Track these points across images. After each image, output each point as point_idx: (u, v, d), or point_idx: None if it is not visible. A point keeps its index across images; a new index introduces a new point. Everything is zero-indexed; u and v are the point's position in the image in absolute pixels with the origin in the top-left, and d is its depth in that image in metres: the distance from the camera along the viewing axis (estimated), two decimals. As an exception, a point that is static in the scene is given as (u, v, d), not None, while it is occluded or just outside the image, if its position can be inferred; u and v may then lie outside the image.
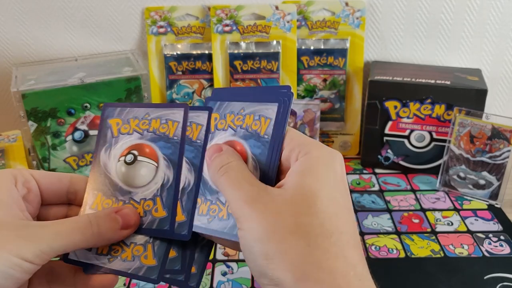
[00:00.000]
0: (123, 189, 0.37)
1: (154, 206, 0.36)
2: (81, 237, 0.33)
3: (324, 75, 0.80)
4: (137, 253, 0.35)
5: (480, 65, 0.82)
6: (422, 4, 0.79)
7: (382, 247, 0.61)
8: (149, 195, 0.36)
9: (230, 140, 0.36)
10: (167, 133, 0.37)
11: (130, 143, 0.38)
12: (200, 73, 0.80)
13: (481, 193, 0.70)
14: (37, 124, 0.71)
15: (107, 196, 0.37)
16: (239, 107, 0.36)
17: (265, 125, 0.35)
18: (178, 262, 0.35)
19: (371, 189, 0.74)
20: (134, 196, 0.37)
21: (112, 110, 0.39)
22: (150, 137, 0.37)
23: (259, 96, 0.36)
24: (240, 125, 0.36)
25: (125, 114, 0.39)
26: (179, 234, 0.35)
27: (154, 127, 0.37)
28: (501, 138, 0.67)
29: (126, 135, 0.38)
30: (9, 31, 0.81)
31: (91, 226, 0.33)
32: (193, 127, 0.37)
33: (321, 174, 0.31)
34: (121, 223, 0.35)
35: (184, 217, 0.35)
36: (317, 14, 0.79)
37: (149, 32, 0.80)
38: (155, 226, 0.35)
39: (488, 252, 0.60)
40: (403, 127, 0.75)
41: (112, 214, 0.35)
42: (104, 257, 0.36)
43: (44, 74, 0.74)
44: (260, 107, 0.35)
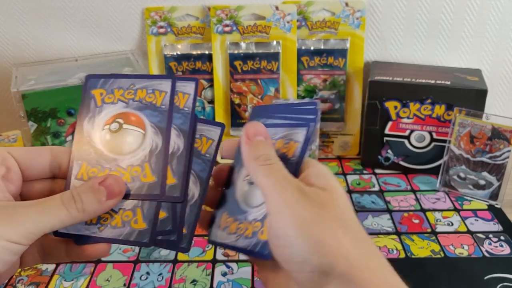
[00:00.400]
0: (108, 156, 0.37)
1: (142, 172, 0.36)
2: (67, 214, 0.33)
3: (324, 76, 0.80)
4: (126, 219, 0.35)
5: (480, 65, 0.82)
6: (422, 4, 0.79)
7: (382, 248, 0.61)
8: (136, 162, 0.36)
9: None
10: (153, 102, 0.37)
11: (115, 112, 0.37)
12: (200, 73, 0.80)
13: (481, 193, 0.70)
14: (37, 124, 0.71)
15: (92, 165, 0.37)
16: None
17: (295, 145, 0.37)
18: (169, 223, 0.35)
19: (371, 189, 0.74)
20: (120, 163, 0.36)
21: (95, 81, 0.39)
22: (136, 106, 0.37)
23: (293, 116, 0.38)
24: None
25: (109, 84, 0.38)
26: (171, 197, 0.35)
27: (140, 97, 0.37)
28: (501, 138, 0.67)
29: (110, 104, 0.38)
30: (9, 31, 0.81)
31: (75, 202, 0.33)
32: (179, 96, 0.37)
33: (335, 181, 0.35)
34: (106, 193, 0.34)
35: (175, 180, 0.35)
36: (317, 15, 0.79)
37: (149, 32, 0.80)
38: (144, 191, 0.35)
39: (488, 252, 0.60)
40: (403, 127, 0.75)
41: (95, 186, 0.34)
42: (94, 226, 0.36)
43: (44, 74, 0.74)
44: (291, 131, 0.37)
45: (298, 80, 0.80)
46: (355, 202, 0.70)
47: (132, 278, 0.57)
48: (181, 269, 0.58)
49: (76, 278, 0.57)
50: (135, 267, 0.59)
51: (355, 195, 0.72)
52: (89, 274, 0.58)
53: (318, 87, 0.81)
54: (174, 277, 0.57)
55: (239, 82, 0.80)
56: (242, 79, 0.80)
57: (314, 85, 0.81)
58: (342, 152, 0.83)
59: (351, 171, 0.79)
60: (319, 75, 0.80)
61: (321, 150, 0.83)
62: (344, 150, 0.83)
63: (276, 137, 0.37)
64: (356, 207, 0.69)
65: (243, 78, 0.79)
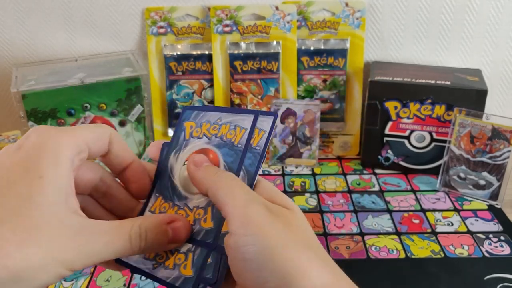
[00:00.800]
0: (181, 194, 0.37)
1: (204, 216, 0.36)
2: (129, 249, 0.32)
3: (324, 76, 0.80)
4: (178, 262, 0.35)
5: (480, 66, 0.82)
6: (422, 5, 0.79)
7: (382, 248, 0.61)
8: (202, 204, 0.36)
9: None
10: (232, 140, 0.36)
11: (198, 147, 0.38)
12: (200, 73, 0.80)
13: (481, 193, 0.70)
14: (37, 124, 0.71)
15: (166, 199, 0.37)
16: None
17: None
18: (210, 270, 0.35)
19: (371, 189, 0.74)
20: (188, 203, 0.37)
21: (189, 113, 0.39)
22: (217, 142, 0.37)
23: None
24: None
25: (200, 117, 0.39)
26: (220, 247, 0.34)
27: (223, 133, 0.37)
28: (501, 139, 0.67)
29: (196, 138, 0.38)
30: (9, 31, 0.81)
31: (140, 240, 0.33)
32: (255, 132, 0.36)
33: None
34: (171, 237, 0.34)
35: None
36: (317, 15, 0.79)
37: (149, 33, 0.80)
38: (200, 237, 0.35)
39: (488, 252, 0.60)
40: (403, 127, 0.75)
41: (163, 226, 0.34)
42: (150, 262, 0.36)
43: (44, 74, 0.74)
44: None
45: (298, 80, 0.80)
46: (355, 202, 0.70)
47: (132, 279, 0.57)
48: (181, 269, 0.58)
49: (76, 278, 0.57)
50: (135, 267, 0.59)
51: (355, 195, 0.72)
52: (89, 274, 0.58)
53: (318, 87, 0.81)
54: (174, 277, 0.57)
55: (239, 82, 0.80)
56: (242, 79, 0.80)
57: (314, 85, 0.81)
58: (342, 152, 0.83)
59: (351, 171, 0.79)
60: (319, 75, 0.80)
61: (321, 150, 0.83)
62: (344, 150, 0.83)
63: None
64: (356, 207, 0.69)
65: (243, 78, 0.79)
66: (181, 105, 0.81)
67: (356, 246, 0.62)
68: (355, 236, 0.63)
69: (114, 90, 0.73)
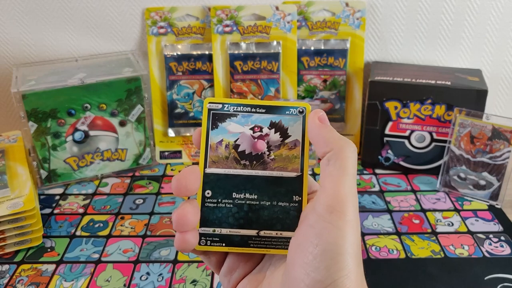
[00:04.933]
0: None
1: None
2: None
3: (325, 76, 0.80)
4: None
5: (481, 66, 0.82)
6: (422, 5, 0.79)
7: (382, 248, 0.61)
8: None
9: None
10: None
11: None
12: (201, 73, 0.80)
13: (482, 193, 0.70)
14: (37, 124, 0.71)
15: None
16: None
17: None
18: None
19: (372, 189, 0.74)
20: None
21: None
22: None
23: None
24: None
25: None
26: None
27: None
28: (502, 139, 0.67)
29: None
30: (10, 32, 0.81)
31: None
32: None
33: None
34: None
35: None
36: (317, 15, 0.79)
37: (149, 33, 0.80)
38: None
39: (489, 252, 0.60)
40: (404, 127, 0.75)
41: None
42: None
43: (45, 74, 0.74)
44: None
45: (299, 80, 0.81)
46: (355, 202, 0.70)
47: (132, 279, 0.57)
48: (181, 270, 0.58)
49: (76, 278, 0.57)
50: (135, 268, 0.59)
51: (355, 196, 0.72)
52: (89, 275, 0.58)
53: (318, 87, 0.81)
54: (174, 277, 0.57)
55: (239, 82, 0.80)
56: (242, 79, 0.80)
57: (314, 85, 0.81)
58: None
59: (351, 171, 0.79)
60: (319, 76, 0.80)
61: (321, 151, 0.83)
62: (344, 151, 0.83)
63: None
64: (356, 208, 0.69)
65: (243, 79, 0.79)
66: (181, 105, 0.81)
67: (356, 246, 0.62)
68: (355, 236, 0.63)
69: (114, 90, 0.73)
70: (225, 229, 0.35)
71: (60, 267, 0.59)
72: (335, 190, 0.30)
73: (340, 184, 0.30)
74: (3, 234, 0.60)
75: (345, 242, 0.29)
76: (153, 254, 0.61)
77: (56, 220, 0.68)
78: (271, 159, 0.35)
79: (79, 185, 0.76)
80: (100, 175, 0.77)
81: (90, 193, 0.74)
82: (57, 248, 0.62)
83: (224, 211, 0.35)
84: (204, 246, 0.35)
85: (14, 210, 0.59)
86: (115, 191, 0.74)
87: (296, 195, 0.35)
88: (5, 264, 0.59)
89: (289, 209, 0.35)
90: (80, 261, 0.60)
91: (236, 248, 0.35)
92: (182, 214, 0.33)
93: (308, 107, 0.36)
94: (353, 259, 0.29)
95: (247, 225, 0.35)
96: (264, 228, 0.35)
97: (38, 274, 0.58)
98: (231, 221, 0.35)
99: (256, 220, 0.35)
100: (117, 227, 0.66)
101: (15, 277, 0.57)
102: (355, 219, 0.30)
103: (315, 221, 0.30)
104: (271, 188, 0.35)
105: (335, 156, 0.31)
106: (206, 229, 0.35)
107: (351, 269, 0.29)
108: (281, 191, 0.35)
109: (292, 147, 0.35)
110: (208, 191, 0.35)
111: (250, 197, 0.35)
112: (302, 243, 0.30)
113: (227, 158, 0.36)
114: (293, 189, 0.35)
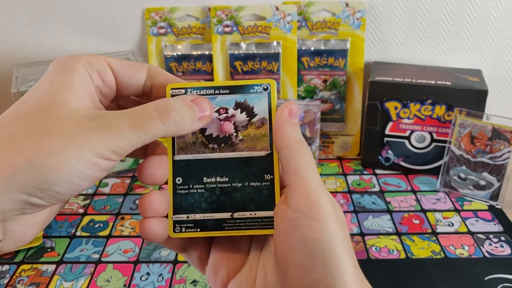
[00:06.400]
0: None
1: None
2: (161, 126, 0.30)
3: (325, 76, 0.80)
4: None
5: (481, 66, 0.82)
6: (422, 5, 0.79)
7: (382, 248, 0.61)
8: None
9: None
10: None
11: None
12: (201, 73, 0.80)
13: (482, 194, 0.70)
14: (38, 124, 0.71)
15: None
16: None
17: None
18: None
19: (372, 190, 0.74)
20: None
21: None
22: None
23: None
24: None
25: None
26: None
27: None
28: (502, 139, 0.67)
29: None
30: (10, 32, 0.81)
31: (173, 111, 0.31)
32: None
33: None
34: (198, 111, 0.33)
35: None
36: (317, 15, 0.79)
37: (149, 33, 0.80)
38: None
39: (489, 253, 0.60)
40: (404, 127, 0.75)
41: (188, 102, 0.33)
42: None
43: (45, 74, 0.74)
44: None
45: (299, 80, 0.80)
46: (355, 202, 0.70)
47: (132, 279, 0.57)
48: (181, 270, 0.58)
49: (76, 278, 0.57)
50: (135, 268, 0.59)
51: (355, 196, 0.72)
52: (89, 275, 0.58)
53: (318, 88, 0.81)
54: (174, 278, 0.57)
55: (239, 82, 0.80)
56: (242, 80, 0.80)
57: (315, 85, 0.81)
58: (342, 153, 0.83)
59: (351, 171, 0.79)
60: (319, 76, 0.80)
61: (322, 151, 0.83)
62: (344, 151, 0.83)
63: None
64: (357, 208, 0.69)
65: (243, 79, 0.79)
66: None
67: (357, 246, 0.62)
68: (356, 237, 0.63)
69: (114, 90, 0.73)
70: (198, 215, 0.35)
71: (60, 267, 0.59)
72: (305, 185, 0.30)
73: (307, 179, 0.31)
74: (3, 234, 0.60)
75: (332, 235, 0.29)
76: (153, 255, 0.61)
77: (56, 220, 0.68)
78: (239, 140, 0.35)
79: (79, 185, 0.76)
80: (100, 175, 0.77)
81: (90, 193, 0.74)
82: (57, 248, 0.62)
83: (196, 197, 0.35)
84: (179, 233, 0.35)
85: (14, 210, 0.59)
86: (115, 191, 0.74)
87: (267, 174, 0.35)
88: (5, 264, 0.59)
89: (261, 188, 0.35)
90: (80, 261, 0.60)
91: (211, 232, 0.35)
92: (148, 199, 0.33)
93: (272, 83, 0.35)
94: (346, 251, 0.29)
95: (221, 208, 0.35)
96: (238, 210, 0.35)
97: (38, 274, 0.58)
98: (204, 205, 0.35)
99: (229, 203, 0.35)
100: (117, 227, 0.66)
101: (15, 277, 0.57)
102: (334, 211, 0.30)
103: (296, 220, 0.30)
104: (241, 169, 0.35)
105: (291, 154, 0.32)
106: (180, 216, 0.35)
107: (347, 261, 0.29)
108: (252, 171, 0.35)
109: (260, 126, 0.35)
110: (178, 178, 0.35)
111: (221, 180, 0.35)
112: (290, 246, 0.30)
113: (194, 143, 0.35)
114: (264, 168, 0.35)
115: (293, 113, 0.33)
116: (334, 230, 0.30)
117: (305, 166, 0.31)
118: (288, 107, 0.33)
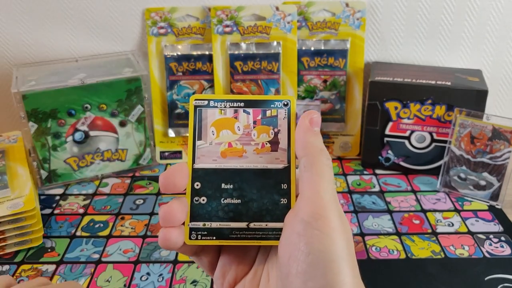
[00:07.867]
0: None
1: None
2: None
3: (325, 76, 0.80)
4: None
5: (481, 66, 0.82)
6: (422, 5, 0.79)
7: (382, 248, 0.61)
8: None
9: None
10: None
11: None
12: (201, 74, 0.80)
13: (482, 194, 0.70)
14: (38, 125, 0.71)
15: None
16: None
17: None
18: None
19: (372, 190, 0.74)
20: None
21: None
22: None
23: None
24: None
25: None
26: None
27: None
28: (502, 139, 0.67)
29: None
30: (10, 32, 0.81)
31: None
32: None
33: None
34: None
35: None
36: (317, 15, 0.79)
37: (149, 33, 0.80)
38: None
39: (489, 253, 0.60)
40: (404, 128, 0.75)
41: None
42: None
43: (45, 75, 0.74)
44: None
45: (299, 80, 0.80)
46: (355, 202, 0.70)
47: (133, 279, 0.57)
48: (181, 270, 0.58)
49: (76, 278, 0.57)
50: (135, 268, 0.59)
51: (355, 196, 0.72)
52: (90, 275, 0.58)
53: (318, 88, 0.81)
54: (175, 278, 0.57)
55: (239, 82, 0.80)
56: (242, 80, 0.80)
57: (315, 85, 0.81)
58: (342, 153, 0.83)
59: (351, 171, 0.79)
60: (319, 76, 0.80)
61: (322, 151, 0.83)
62: (344, 151, 0.83)
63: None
64: (357, 208, 0.69)
65: (243, 79, 0.79)
66: (181, 105, 0.81)
67: (357, 246, 0.62)
68: (356, 237, 0.63)
69: (114, 90, 0.73)
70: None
71: (60, 267, 0.59)
72: (317, 197, 0.31)
73: (320, 190, 0.31)
74: (4, 234, 0.60)
75: (336, 248, 0.30)
76: (153, 255, 0.61)
77: (56, 221, 0.68)
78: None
79: (79, 186, 0.76)
80: (100, 175, 0.77)
81: (90, 193, 0.74)
82: (57, 249, 0.62)
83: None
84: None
85: (14, 210, 0.59)
86: (115, 192, 0.74)
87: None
88: (5, 264, 0.59)
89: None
90: (80, 262, 0.60)
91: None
92: (169, 210, 0.33)
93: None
94: (347, 263, 0.30)
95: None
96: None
97: (38, 275, 0.58)
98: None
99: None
100: (117, 228, 0.66)
101: (15, 278, 0.57)
102: (341, 224, 0.31)
103: (303, 229, 0.31)
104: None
105: (310, 162, 0.32)
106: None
107: (346, 273, 0.30)
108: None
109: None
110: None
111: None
112: (293, 253, 0.31)
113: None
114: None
115: (314, 122, 0.34)
116: (338, 243, 0.30)
117: (320, 176, 0.32)
118: (309, 116, 0.34)
